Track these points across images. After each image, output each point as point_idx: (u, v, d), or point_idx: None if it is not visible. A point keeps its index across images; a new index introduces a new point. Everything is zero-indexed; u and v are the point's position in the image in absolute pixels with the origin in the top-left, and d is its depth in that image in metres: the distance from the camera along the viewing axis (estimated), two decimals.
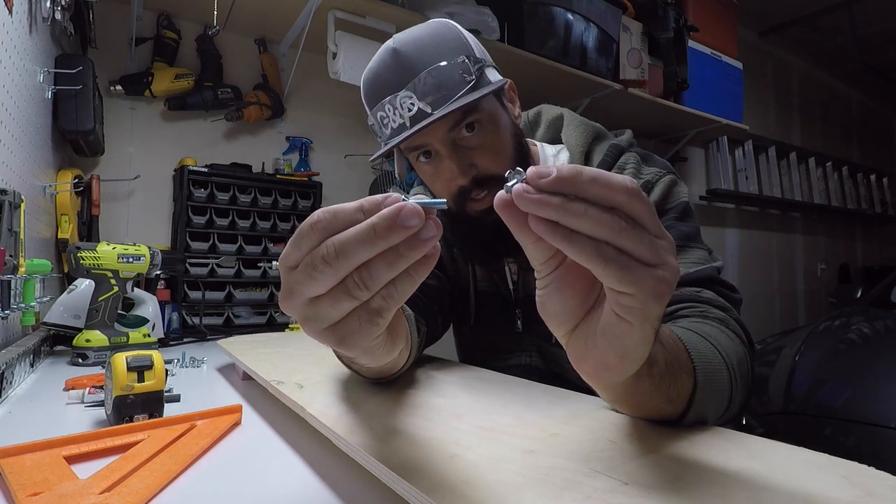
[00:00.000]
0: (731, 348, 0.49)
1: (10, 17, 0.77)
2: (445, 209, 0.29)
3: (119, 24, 1.36)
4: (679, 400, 0.40)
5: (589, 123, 0.77)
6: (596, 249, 0.26)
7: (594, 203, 0.26)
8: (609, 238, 0.26)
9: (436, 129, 0.63)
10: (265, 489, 0.41)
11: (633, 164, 0.69)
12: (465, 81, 0.60)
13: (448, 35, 0.64)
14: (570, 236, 0.26)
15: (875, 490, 0.29)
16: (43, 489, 0.36)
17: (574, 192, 0.26)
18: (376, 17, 1.43)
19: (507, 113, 0.69)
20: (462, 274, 0.82)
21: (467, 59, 0.61)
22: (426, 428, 0.40)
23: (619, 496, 0.28)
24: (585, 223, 0.26)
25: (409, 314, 0.59)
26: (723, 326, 0.53)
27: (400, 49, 0.62)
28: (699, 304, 0.57)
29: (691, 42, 2.09)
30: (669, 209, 0.66)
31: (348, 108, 1.75)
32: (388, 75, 0.62)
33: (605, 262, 0.26)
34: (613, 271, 0.26)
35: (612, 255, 0.26)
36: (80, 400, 0.64)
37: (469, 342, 0.86)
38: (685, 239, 0.64)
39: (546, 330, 0.47)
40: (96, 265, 0.91)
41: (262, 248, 1.43)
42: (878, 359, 1.44)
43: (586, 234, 0.26)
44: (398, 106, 0.61)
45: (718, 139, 2.69)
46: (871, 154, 4.32)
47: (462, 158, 0.64)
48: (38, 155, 1.00)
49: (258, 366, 0.66)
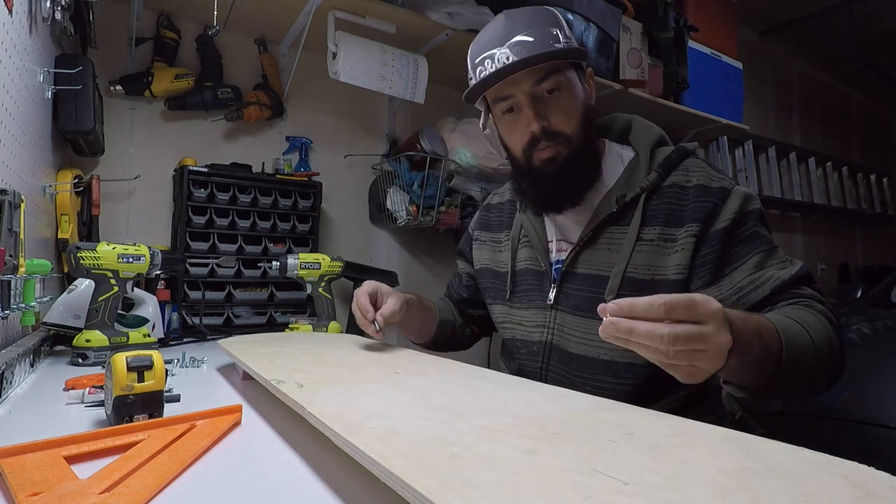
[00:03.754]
0: (821, 331, 0.61)
1: (10, 17, 0.77)
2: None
3: (119, 24, 1.36)
4: (764, 377, 0.57)
5: (655, 127, 0.85)
6: (650, 353, 0.48)
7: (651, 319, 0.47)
8: (655, 351, 0.47)
9: (522, 82, 0.75)
10: (265, 489, 0.41)
11: (702, 168, 0.78)
12: (552, 46, 0.74)
13: (548, 14, 0.78)
14: (633, 346, 0.49)
15: (875, 490, 0.29)
16: (43, 489, 0.36)
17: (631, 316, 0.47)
18: (376, 17, 1.43)
19: (584, 89, 0.81)
20: (502, 258, 0.93)
21: (559, 32, 0.76)
22: (426, 428, 0.40)
23: (619, 496, 0.28)
24: (636, 339, 0.47)
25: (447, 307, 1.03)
26: (822, 316, 0.64)
27: (508, 16, 0.77)
28: (804, 298, 0.67)
29: (691, 42, 2.08)
30: (749, 213, 0.73)
31: (348, 108, 1.75)
32: (494, 35, 0.76)
33: (663, 364, 0.50)
34: (670, 369, 0.50)
35: (658, 360, 0.49)
36: (80, 400, 0.64)
37: (501, 317, 0.93)
38: (769, 242, 0.72)
39: (574, 302, 0.81)
40: (96, 265, 0.91)
41: (262, 248, 1.43)
42: (878, 359, 1.44)
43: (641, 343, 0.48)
44: (495, 59, 0.74)
45: (718, 139, 2.69)
46: (871, 154, 4.32)
47: (539, 110, 0.76)
48: (38, 155, 1.00)
49: (258, 366, 0.66)
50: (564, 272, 0.82)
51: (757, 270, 0.70)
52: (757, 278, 0.70)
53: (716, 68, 2.24)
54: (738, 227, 0.73)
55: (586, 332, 0.78)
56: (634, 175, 0.80)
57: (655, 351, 0.47)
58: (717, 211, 0.73)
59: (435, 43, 1.56)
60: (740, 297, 0.70)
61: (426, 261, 1.91)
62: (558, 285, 0.82)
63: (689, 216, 0.74)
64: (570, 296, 0.81)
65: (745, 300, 0.70)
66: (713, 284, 0.72)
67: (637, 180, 0.79)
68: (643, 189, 0.77)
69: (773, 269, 0.70)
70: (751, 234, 0.73)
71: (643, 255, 0.75)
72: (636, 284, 0.75)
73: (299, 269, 1.21)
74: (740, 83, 2.34)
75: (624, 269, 0.75)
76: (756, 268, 0.70)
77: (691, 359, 0.48)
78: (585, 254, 0.80)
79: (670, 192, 0.77)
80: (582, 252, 0.81)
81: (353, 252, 1.71)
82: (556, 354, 0.82)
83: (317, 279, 1.23)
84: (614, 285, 0.75)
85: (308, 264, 1.22)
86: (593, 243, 0.80)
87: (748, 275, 0.71)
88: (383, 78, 1.45)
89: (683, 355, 0.47)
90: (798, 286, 0.69)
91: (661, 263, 0.74)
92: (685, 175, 0.77)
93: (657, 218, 0.76)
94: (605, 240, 0.79)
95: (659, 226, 0.75)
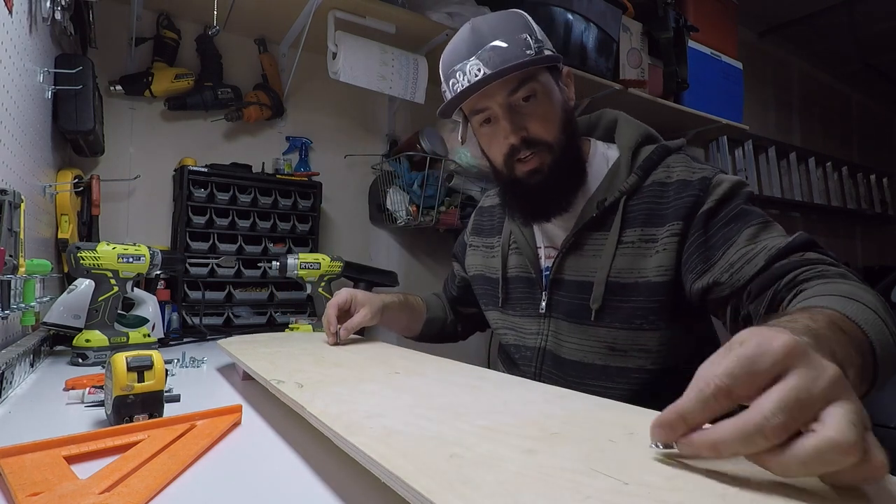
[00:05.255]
0: (876, 301, 0.49)
1: (10, 17, 0.77)
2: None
3: (119, 24, 1.36)
4: (866, 380, 0.43)
5: (641, 125, 0.83)
6: (772, 464, 0.28)
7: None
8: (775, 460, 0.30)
9: (495, 93, 0.73)
10: (265, 489, 0.41)
11: (683, 163, 0.75)
12: (524, 54, 0.72)
13: (516, 19, 0.75)
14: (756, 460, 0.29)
15: (875, 490, 0.29)
16: (43, 489, 0.36)
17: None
18: (376, 17, 1.43)
19: (561, 92, 0.78)
20: (494, 264, 0.91)
21: (529, 37, 0.73)
22: (426, 428, 0.40)
23: (619, 496, 0.28)
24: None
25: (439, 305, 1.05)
26: (848, 280, 0.54)
27: (475, 25, 0.75)
28: (812, 265, 0.59)
29: (691, 42, 2.08)
30: (736, 194, 0.70)
31: (348, 108, 1.75)
32: (462, 46, 0.74)
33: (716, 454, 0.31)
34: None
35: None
36: (80, 400, 0.64)
37: (496, 322, 0.93)
38: (763, 217, 0.67)
39: (566, 309, 0.79)
40: (96, 265, 0.91)
41: (262, 248, 1.42)
42: None
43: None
44: (466, 71, 0.72)
45: (718, 139, 2.69)
46: (871, 154, 4.32)
47: (516, 120, 0.74)
48: (38, 155, 1.00)
49: (258, 366, 0.66)
50: (553, 279, 0.81)
51: (749, 244, 0.65)
52: (749, 251, 0.64)
53: (716, 68, 2.24)
54: (724, 207, 0.68)
55: (580, 337, 0.78)
56: (616, 178, 0.78)
57: (785, 467, 0.27)
58: (699, 200, 0.70)
59: (435, 43, 1.56)
60: (732, 273, 0.64)
61: (426, 261, 1.91)
62: (549, 293, 0.82)
63: (670, 214, 0.71)
64: (561, 303, 0.81)
65: (737, 277, 0.64)
66: (706, 272, 0.67)
67: (617, 183, 0.77)
68: (622, 192, 0.75)
69: (769, 241, 0.64)
70: (739, 211, 0.68)
71: (625, 258, 0.74)
72: (619, 289, 0.74)
73: (299, 269, 1.21)
74: (740, 83, 2.34)
75: (606, 276, 0.74)
76: (749, 241, 0.65)
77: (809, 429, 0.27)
78: (570, 260, 0.80)
79: (650, 190, 0.75)
80: (567, 258, 0.80)
81: (353, 252, 1.71)
82: (550, 359, 0.82)
83: (317, 279, 1.23)
84: (598, 293, 0.75)
85: (308, 264, 1.22)
86: (577, 249, 0.79)
87: (740, 248, 0.65)
88: (383, 78, 1.45)
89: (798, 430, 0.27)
90: (800, 252, 0.61)
91: (642, 265, 0.73)
92: (666, 171, 0.75)
93: (637, 219, 0.74)
94: (588, 245, 0.78)
95: (639, 227, 0.74)
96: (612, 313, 0.75)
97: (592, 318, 0.76)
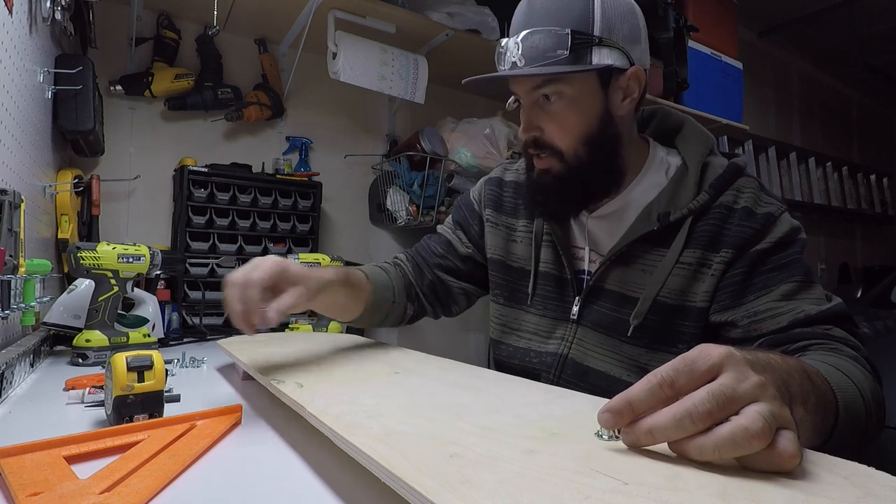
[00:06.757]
0: (866, 383, 0.53)
1: (10, 17, 0.77)
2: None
3: (119, 24, 1.36)
4: (824, 431, 0.45)
5: (708, 135, 0.75)
6: (695, 451, 0.32)
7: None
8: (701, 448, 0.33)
9: (522, 82, 0.70)
10: (265, 489, 0.41)
11: (752, 189, 0.70)
12: (555, 54, 0.65)
13: (574, 4, 0.65)
14: (677, 449, 0.34)
15: (875, 490, 0.29)
16: (43, 489, 0.36)
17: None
18: (376, 17, 1.43)
19: (604, 99, 0.69)
20: (518, 252, 0.83)
21: (573, 33, 0.64)
22: (426, 428, 0.40)
23: (619, 496, 0.28)
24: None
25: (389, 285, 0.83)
26: (855, 362, 0.56)
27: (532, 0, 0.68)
28: (833, 341, 0.59)
29: (691, 42, 2.08)
30: (794, 241, 0.67)
31: (348, 108, 1.75)
32: (520, 17, 0.69)
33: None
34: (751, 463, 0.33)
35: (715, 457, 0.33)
36: (80, 400, 0.64)
37: (503, 318, 0.84)
38: (808, 275, 0.65)
39: (600, 320, 0.74)
40: (96, 265, 0.91)
41: (262, 248, 1.43)
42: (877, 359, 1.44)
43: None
44: (511, 47, 0.67)
45: (718, 139, 2.69)
46: (871, 154, 4.32)
47: (532, 117, 0.70)
48: (38, 155, 1.00)
49: (258, 366, 0.66)
50: (592, 286, 0.75)
51: (783, 300, 0.62)
52: (779, 307, 0.62)
53: (716, 68, 2.24)
54: (777, 252, 0.65)
55: (609, 349, 0.73)
56: (680, 190, 0.71)
57: (701, 448, 0.32)
58: (758, 237, 0.66)
59: (435, 43, 1.56)
60: (752, 322, 0.62)
61: None
62: (583, 299, 0.75)
63: (727, 241, 0.67)
64: (593, 311, 0.74)
65: (755, 327, 0.62)
66: (730, 309, 0.65)
67: (684, 198, 0.70)
68: (690, 210, 0.69)
69: (802, 302, 0.62)
70: (791, 261, 0.65)
71: (678, 279, 0.68)
72: (664, 310, 0.69)
73: None
74: (740, 83, 2.33)
75: (656, 294, 0.69)
76: (783, 297, 0.62)
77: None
78: (616, 270, 0.73)
79: (717, 213, 0.69)
80: (613, 268, 0.73)
81: (353, 252, 1.71)
82: (571, 367, 0.75)
83: None
84: (642, 310, 0.69)
85: (308, 264, 1.21)
86: (626, 260, 0.72)
87: (771, 301, 0.62)
88: (383, 78, 1.45)
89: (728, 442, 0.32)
90: (827, 325, 0.60)
91: (693, 289, 0.68)
92: (734, 195, 0.69)
93: (699, 241, 0.68)
94: (641, 259, 0.71)
95: (700, 249, 0.68)
96: (652, 333, 0.70)
97: (629, 333, 0.71)
